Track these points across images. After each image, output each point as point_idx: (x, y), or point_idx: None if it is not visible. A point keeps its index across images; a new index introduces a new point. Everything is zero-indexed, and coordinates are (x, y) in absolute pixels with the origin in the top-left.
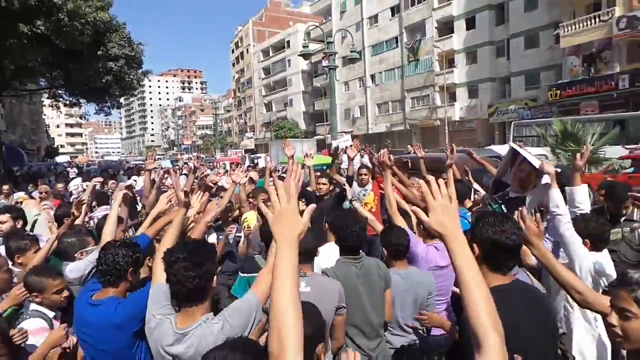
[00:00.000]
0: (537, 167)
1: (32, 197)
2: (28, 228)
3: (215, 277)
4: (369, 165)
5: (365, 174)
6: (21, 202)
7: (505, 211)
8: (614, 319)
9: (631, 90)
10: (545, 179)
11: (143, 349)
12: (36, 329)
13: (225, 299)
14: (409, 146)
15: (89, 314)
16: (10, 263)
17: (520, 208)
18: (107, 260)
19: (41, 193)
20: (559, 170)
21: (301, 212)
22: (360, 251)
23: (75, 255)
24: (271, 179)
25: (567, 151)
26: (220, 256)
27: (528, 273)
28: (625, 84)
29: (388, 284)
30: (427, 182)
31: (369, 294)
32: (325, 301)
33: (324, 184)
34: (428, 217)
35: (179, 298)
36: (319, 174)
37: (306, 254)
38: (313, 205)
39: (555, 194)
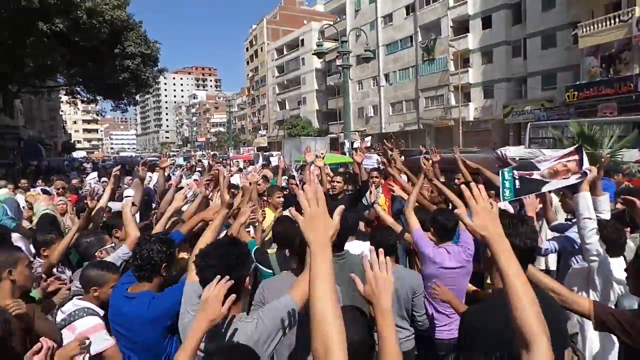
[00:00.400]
0: (584, 169)
1: (47, 193)
2: (35, 220)
3: (247, 279)
4: (381, 166)
5: (376, 177)
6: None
7: (518, 186)
8: None
9: None
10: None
11: (174, 344)
12: (92, 327)
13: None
14: (420, 146)
15: (124, 306)
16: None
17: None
18: (142, 255)
19: (58, 189)
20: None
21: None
22: (345, 248)
23: (96, 254)
24: (284, 177)
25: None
26: None
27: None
28: None
29: None
30: (468, 186)
31: (347, 290)
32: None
33: (338, 182)
34: (472, 220)
35: None
36: (331, 173)
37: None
38: (342, 207)
39: (588, 197)
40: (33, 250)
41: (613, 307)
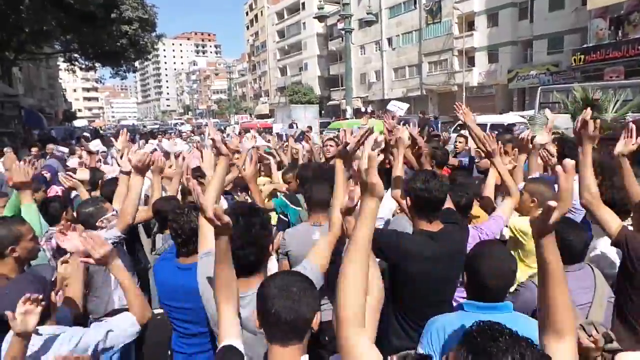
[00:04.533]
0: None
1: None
2: None
3: (270, 246)
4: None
5: (332, 146)
6: None
7: None
8: None
9: None
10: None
11: None
12: None
13: None
14: (419, 112)
15: (178, 278)
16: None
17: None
18: (185, 229)
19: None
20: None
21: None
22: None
23: (97, 224)
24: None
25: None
26: None
27: (593, 267)
28: None
29: None
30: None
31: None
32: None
33: (331, 145)
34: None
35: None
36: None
37: (323, 205)
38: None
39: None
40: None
41: None
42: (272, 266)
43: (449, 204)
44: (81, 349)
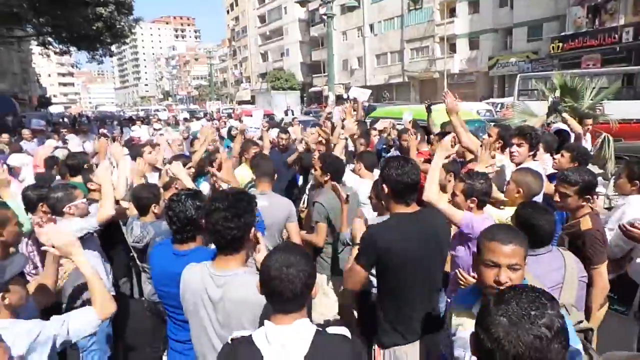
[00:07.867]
0: None
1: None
2: None
3: (252, 229)
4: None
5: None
6: None
7: None
8: None
9: (635, 43)
10: None
11: None
12: None
13: None
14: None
15: (175, 265)
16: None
17: None
18: (180, 217)
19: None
20: None
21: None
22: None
23: (64, 210)
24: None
25: (565, 106)
26: None
27: (562, 250)
28: (629, 37)
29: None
30: None
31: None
32: (277, 213)
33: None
34: None
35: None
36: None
37: (267, 177)
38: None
39: None
40: None
41: None
42: None
43: None
44: (41, 341)
